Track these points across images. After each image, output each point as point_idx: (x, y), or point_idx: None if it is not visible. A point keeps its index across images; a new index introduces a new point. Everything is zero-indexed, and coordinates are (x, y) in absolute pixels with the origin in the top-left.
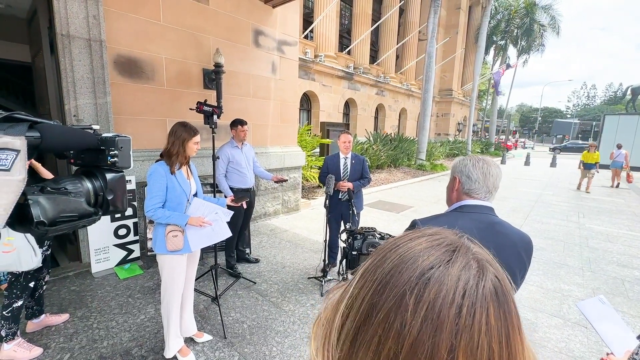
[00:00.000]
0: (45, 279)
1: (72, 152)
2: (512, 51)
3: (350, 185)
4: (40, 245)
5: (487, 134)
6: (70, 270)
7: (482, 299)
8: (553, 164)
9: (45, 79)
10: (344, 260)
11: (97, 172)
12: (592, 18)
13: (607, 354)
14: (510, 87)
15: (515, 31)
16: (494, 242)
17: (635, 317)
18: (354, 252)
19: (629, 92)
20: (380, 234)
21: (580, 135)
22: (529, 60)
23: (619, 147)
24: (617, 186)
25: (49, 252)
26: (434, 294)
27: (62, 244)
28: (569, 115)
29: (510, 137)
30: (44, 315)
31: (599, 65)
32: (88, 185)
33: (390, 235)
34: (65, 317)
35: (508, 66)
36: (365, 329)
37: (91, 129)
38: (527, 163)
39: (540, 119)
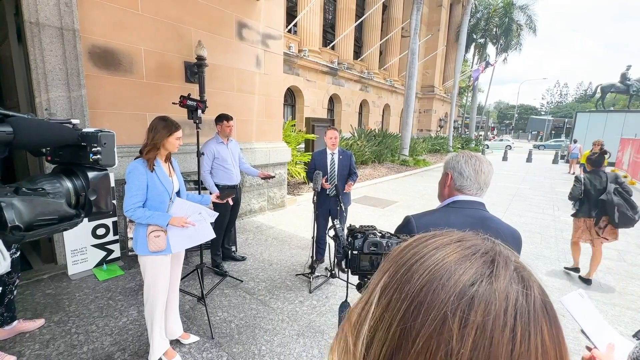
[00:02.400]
0: (16, 284)
1: (48, 148)
2: (491, 49)
3: (347, 187)
4: (7, 248)
5: (467, 130)
6: (45, 273)
7: (535, 318)
8: (529, 159)
9: (12, 69)
10: (344, 259)
11: (78, 170)
12: (563, 20)
13: (590, 349)
14: (489, 84)
15: (495, 30)
16: None
17: (607, 304)
18: (355, 252)
19: (598, 90)
20: (381, 232)
21: (553, 132)
22: (507, 58)
23: (575, 141)
24: (574, 173)
25: (17, 255)
26: (482, 315)
27: (35, 245)
28: (543, 113)
29: (489, 133)
30: (16, 321)
31: (571, 65)
32: (68, 184)
33: (391, 234)
34: (40, 322)
35: (487, 64)
36: (400, 356)
37: (70, 123)
38: (504, 158)
39: (516, 115)
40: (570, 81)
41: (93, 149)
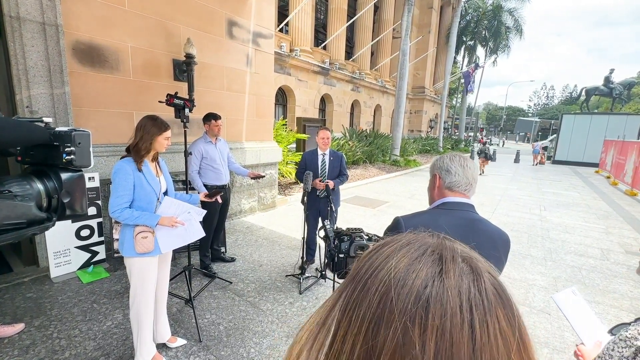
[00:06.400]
0: None
1: (18, 148)
2: (480, 51)
3: (330, 183)
4: None
5: (457, 131)
6: (26, 276)
7: (489, 307)
8: (517, 159)
9: None
10: (331, 262)
11: (50, 171)
12: (549, 24)
13: (577, 345)
14: (478, 86)
15: (484, 32)
16: (474, 239)
17: (592, 302)
18: (341, 255)
19: (583, 93)
20: (367, 235)
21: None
22: (497, 60)
23: (536, 141)
24: (537, 164)
25: None
26: (439, 317)
27: (16, 247)
28: (530, 114)
29: (478, 133)
30: None
31: (557, 68)
32: (39, 186)
33: (378, 237)
34: (19, 327)
35: (477, 66)
36: None
37: (42, 121)
38: (493, 159)
39: (505, 117)
40: (557, 84)
41: (66, 149)
